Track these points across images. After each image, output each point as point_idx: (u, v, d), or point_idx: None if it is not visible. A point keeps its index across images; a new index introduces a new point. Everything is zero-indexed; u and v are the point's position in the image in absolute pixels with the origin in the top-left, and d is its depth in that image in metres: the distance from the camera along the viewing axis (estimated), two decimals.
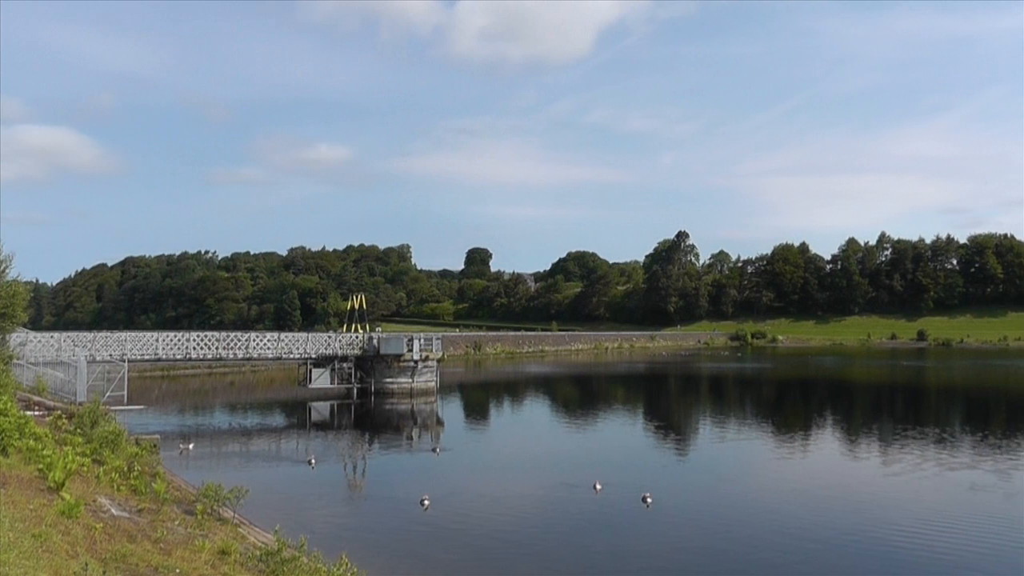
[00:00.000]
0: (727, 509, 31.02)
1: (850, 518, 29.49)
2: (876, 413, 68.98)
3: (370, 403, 67.10)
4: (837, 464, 41.92)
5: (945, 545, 25.75)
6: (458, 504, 30.90)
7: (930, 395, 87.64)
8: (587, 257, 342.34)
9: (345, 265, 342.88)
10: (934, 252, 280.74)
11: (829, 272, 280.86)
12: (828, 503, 32.29)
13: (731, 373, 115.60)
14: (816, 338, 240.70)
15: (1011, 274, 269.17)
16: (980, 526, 28.17)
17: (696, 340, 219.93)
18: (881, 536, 26.90)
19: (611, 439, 51.18)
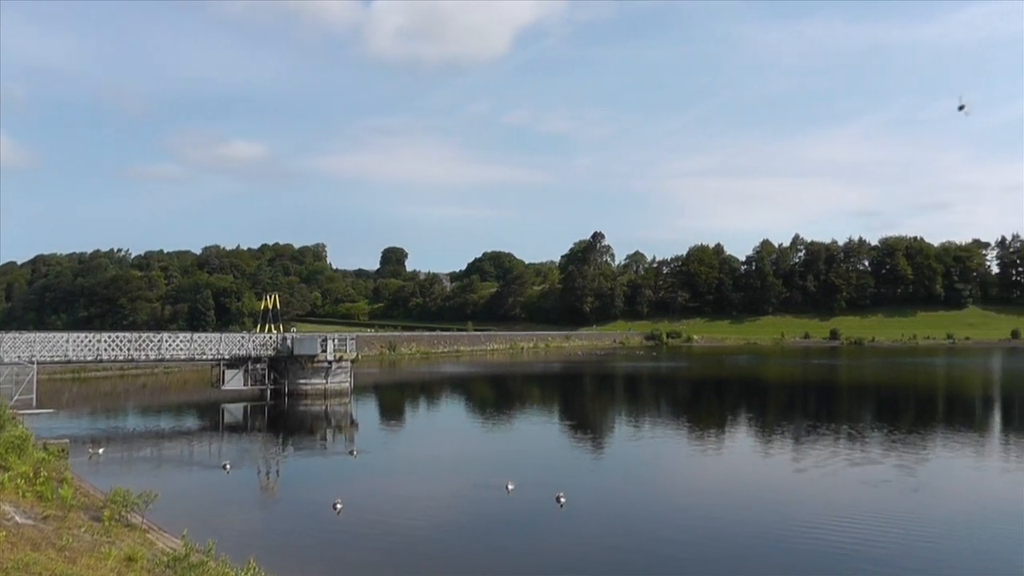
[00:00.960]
0: (641, 508, 31.23)
1: (763, 515, 29.85)
2: (789, 411, 70.06)
3: (284, 405, 66.17)
4: (751, 462, 42.45)
5: (855, 540, 26.15)
6: (371, 507, 30.60)
7: (842, 393, 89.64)
8: (503, 257, 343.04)
9: (260, 264, 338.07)
10: (846, 254, 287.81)
11: (744, 273, 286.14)
12: (742, 501, 32.50)
13: (646, 372, 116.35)
14: (731, 337, 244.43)
15: (920, 275, 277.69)
16: (888, 520, 28.61)
17: (612, 340, 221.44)
18: (793, 532, 27.26)
19: (525, 439, 50.99)
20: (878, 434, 51.37)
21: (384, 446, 47.60)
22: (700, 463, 42.21)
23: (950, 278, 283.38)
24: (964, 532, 27.85)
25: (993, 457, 44.18)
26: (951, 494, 34.41)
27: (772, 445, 47.81)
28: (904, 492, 34.15)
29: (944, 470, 40.36)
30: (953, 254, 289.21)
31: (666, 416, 64.69)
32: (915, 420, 63.36)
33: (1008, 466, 41.89)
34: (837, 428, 54.19)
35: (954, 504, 32.34)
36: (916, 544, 26.12)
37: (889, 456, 42.62)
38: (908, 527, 28.09)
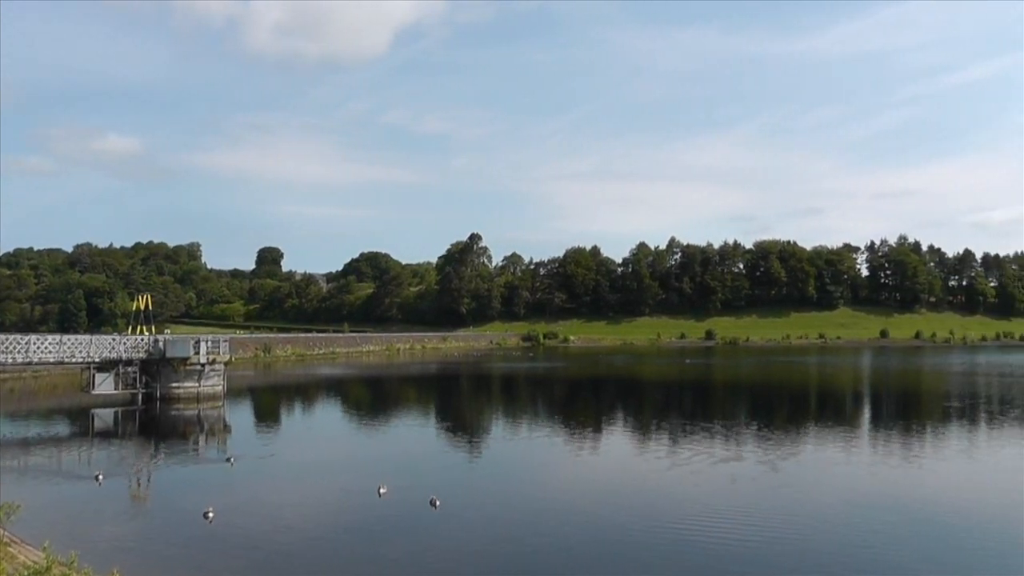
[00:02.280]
0: (517, 509, 31.26)
1: (638, 514, 30.14)
2: (665, 410, 71.12)
3: (155, 409, 63.94)
4: (626, 461, 42.87)
5: (726, 537, 26.68)
6: (243, 515, 29.94)
7: (716, 391, 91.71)
8: (380, 258, 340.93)
9: (133, 264, 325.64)
10: (722, 256, 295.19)
11: (620, 275, 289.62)
12: (617, 500, 32.85)
13: (522, 373, 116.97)
14: (607, 338, 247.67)
15: (793, 278, 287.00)
16: (759, 516, 29.41)
17: (488, 341, 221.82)
18: (665, 530, 27.68)
19: (401, 442, 50.43)
20: (751, 431, 52.72)
21: (258, 451, 45.90)
22: (576, 463, 42.37)
23: (822, 280, 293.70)
24: (829, 526, 28.74)
25: (862, 451, 45.78)
26: (820, 488, 35.36)
27: (647, 444, 48.36)
28: (775, 487, 35.07)
29: (815, 465, 41.54)
30: (825, 257, 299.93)
31: (542, 416, 65.00)
32: (788, 417, 65.26)
33: (875, 459, 43.32)
34: (711, 426, 55.31)
35: (823, 498, 33.27)
36: (784, 539, 26.79)
37: (762, 453, 43.66)
38: (778, 522, 28.79)
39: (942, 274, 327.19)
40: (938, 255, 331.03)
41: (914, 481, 38.06)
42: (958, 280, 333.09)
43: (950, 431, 55.45)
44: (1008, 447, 48.41)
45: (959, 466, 42.19)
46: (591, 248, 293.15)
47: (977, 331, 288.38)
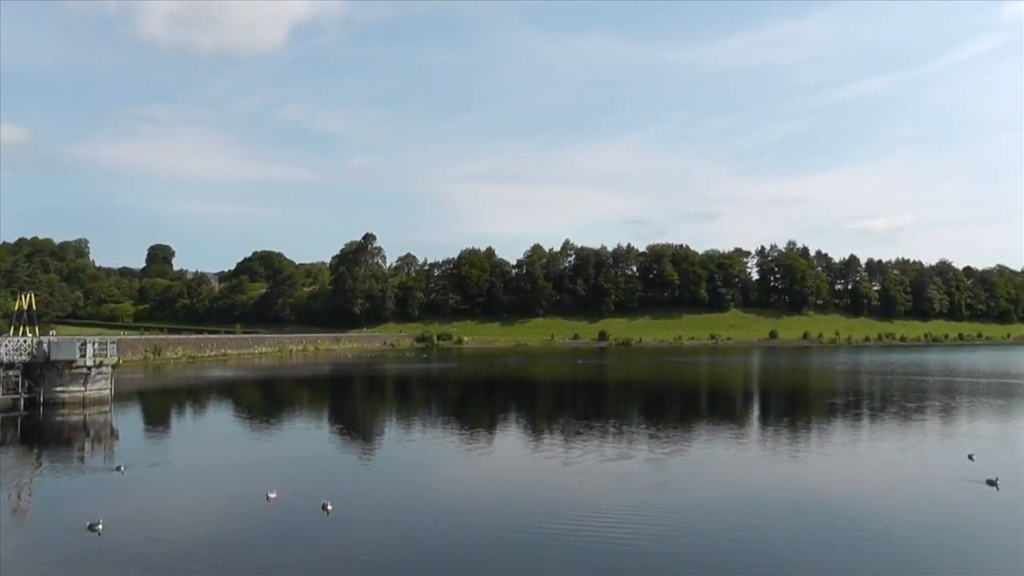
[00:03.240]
0: (411, 511, 30.86)
1: (533, 513, 30.08)
2: (558, 409, 71.59)
3: (39, 415, 60.88)
4: (519, 461, 42.92)
5: (619, 533, 26.86)
6: (133, 526, 28.52)
7: (609, 391, 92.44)
8: (273, 257, 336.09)
9: (16, 260, 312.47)
10: (615, 259, 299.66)
11: (515, 276, 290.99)
12: (510, 500, 32.89)
13: (416, 374, 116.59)
14: (501, 339, 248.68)
15: (685, 280, 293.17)
16: (651, 513, 29.63)
17: (382, 342, 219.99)
18: (558, 529, 27.59)
19: (293, 445, 49.47)
20: (643, 430, 53.38)
21: (148, 458, 44.05)
22: (469, 464, 42.34)
23: (714, 283, 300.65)
24: (718, 521, 28.96)
25: (751, 448, 46.83)
26: (710, 485, 35.93)
27: (541, 444, 48.53)
28: (666, 485, 35.38)
29: (705, 462, 41.90)
30: (717, 261, 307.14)
31: (436, 417, 64.66)
32: (679, 416, 66.36)
33: (764, 455, 44.29)
34: (604, 425, 55.72)
35: (713, 494, 33.72)
36: (674, 536, 27.10)
37: (653, 451, 44.29)
38: (668, 519, 29.10)
39: (829, 278, 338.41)
40: (825, 260, 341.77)
41: (800, 475, 39.02)
42: (844, 284, 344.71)
43: (835, 427, 57.18)
44: (887, 441, 50.06)
45: (843, 460, 43.35)
46: (486, 250, 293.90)
47: (861, 332, 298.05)
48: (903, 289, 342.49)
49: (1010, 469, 38.54)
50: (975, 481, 36.10)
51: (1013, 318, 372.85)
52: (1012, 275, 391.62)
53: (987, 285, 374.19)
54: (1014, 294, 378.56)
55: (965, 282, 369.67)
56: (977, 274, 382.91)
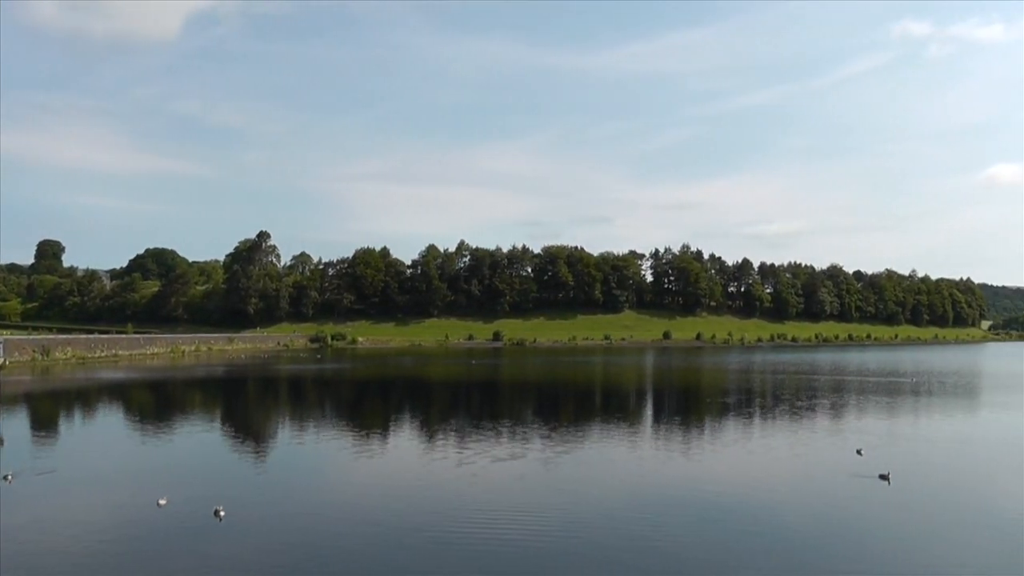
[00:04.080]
0: (307, 514, 30.49)
1: (428, 514, 29.98)
2: (453, 409, 71.76)
3: None
4: (414, 461, 42.65)
5: (515, 534, 27.05)
6: (22, 536, 27.37)
7: (504, 391, 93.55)
8: (166, 254, 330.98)
9: None
10: (510, 260, 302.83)
11: (410, 276, 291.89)
12: (406, 501, 32.59)
13: (310, 374, 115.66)
14: (396, 339, 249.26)
15: (580, 282, 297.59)
16: (545, 513, 29.89)
17: (276, 342, 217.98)
18: (455, 530, 27.69)
19: (185, 450, 47.91)
20: (538, 429, 53.98)
21: (35, 466, 41.73)
22: (364, 465, 41.91)
23: (608, 285, 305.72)
24: (612, 520, 29.17)
25: (644, 446, 47.83)
26: (604, 483, 36.30)
27: (435, 444, 48.52)
28: (560, 484, 35.72)
29: (599, 461, 42.42)
30: (611, 263, 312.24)
31: (330, 418, 64.25)
32: (573, 415, 67.41)
33: (656, 453, 45.22)
34: (498, 425, 56.17)
35: (606, 493, 33.95)
36: (568, 535, 27.18)
37: (548, 450, 44.75)
38: (562, 519, 29.36)
39: (722, 281, 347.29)
40: (718, 263, 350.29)
41: (693, 473, 39.73)
42: (737, 286, 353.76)
43: (727, 425, 58.47)
44: (778, 438, 51.59)
45: (735, 457, 44.38)
46: (381, 249, 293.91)
47: (753, 333, 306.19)
48: (795, 292, 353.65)
49: (899, 464, 40.09)
50: (867, 476, 37.44)
51: (901, 320, 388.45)
52: (900, 279, 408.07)
53: (876, 289, 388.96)
54: (902, 297, 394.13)
55: (855, 285, 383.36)
56: (867, 278, 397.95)
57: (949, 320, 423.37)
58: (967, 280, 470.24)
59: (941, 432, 56.73)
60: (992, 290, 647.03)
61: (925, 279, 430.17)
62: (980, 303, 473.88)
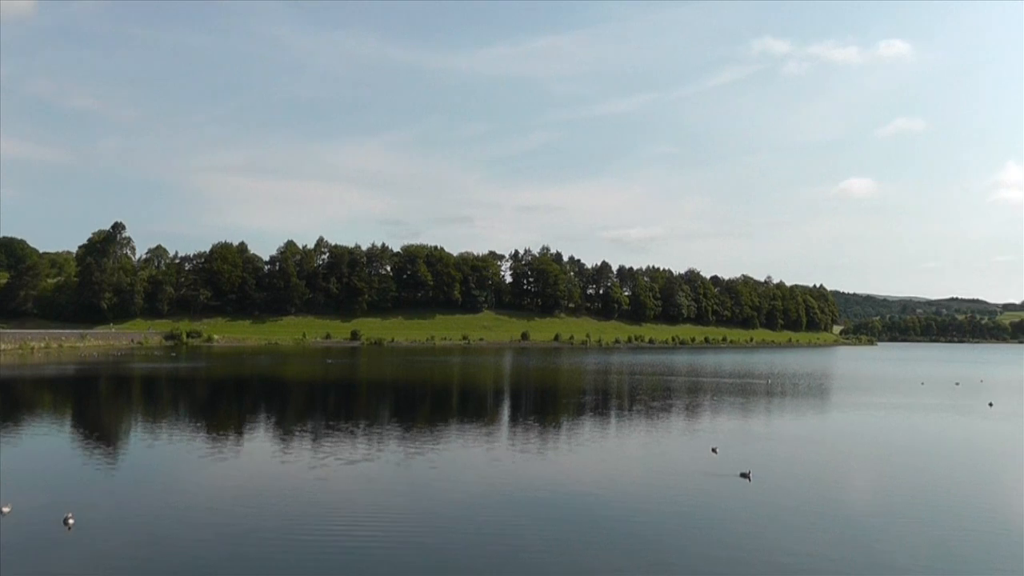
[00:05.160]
0: (158, 519, 29.98)
1: (280, 517, 30.08)
2: (309, 410, 71.92)
3: None
4: (268, 462, 42.57)
5: (367, 538, 27.48)
6: None
7: (361, 390, 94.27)
8: (15, 244, 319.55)
9: None
10: (369, 258, 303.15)
11: (267, 273, 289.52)
12: (259, 504, 32.52)
13: (165, 373, 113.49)
14: (252, 337, 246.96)
15: (439, 281, 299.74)
16: (399, 516, 30.44)
17: (130, 339, 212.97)
18: (306, 533, 27.89)
19: (32, 454, 46.28)
20: (394, 430, 54.84)
21: None
22: (217, 468, 41.20)
23: (468, 285, 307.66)
24: (466, 522, 30.00)
25: (501, 446, 49.16)
26: (460, 484, 37.00)
27: (290, 445, 48.30)
28: (416, 485, 36.17)
29: (456, 461, 43.24)
30: (471, 264, 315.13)
31: (184, 420, 62.71)
32: (430, 415, 68.61)
33: (513, 453, 46.43)
34: (354, 426, 56.81)
35: (462, 493, 34.55)
36: (421, 538, 27.59)
37: (404, 451, 45.47)
38: (416, 521, 29.96)
39: (581, 283, 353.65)
40: (578, 266, 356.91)
41: (550, 473, 40.83)
42: (595, 289, 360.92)
43: (584, 425, 60.40)
44: (637, 437, 53.99)
45: (593, 457, 45.92)
46: (238, 244, 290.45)
47: (611, 335, 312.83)
48: (653, 295, 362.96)
49: (754, 462, 42.36)
50: (728, 475, 39.53)
51: (756, 324, 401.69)
52: (756, 285, 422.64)
53: (733, 293, 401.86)
54: (757, 302, 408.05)
55: (712, 290, 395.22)
56: (724, 283, 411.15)
57: (803, 325, 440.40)
58: (820, 287, 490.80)
59: (794, 431, 60.18)
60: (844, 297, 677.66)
61: (780, 285, 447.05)
62: (832, 309, 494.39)
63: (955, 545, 28.49)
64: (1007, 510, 35.19)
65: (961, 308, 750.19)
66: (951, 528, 30.93)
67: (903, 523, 31.54)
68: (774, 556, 26.73)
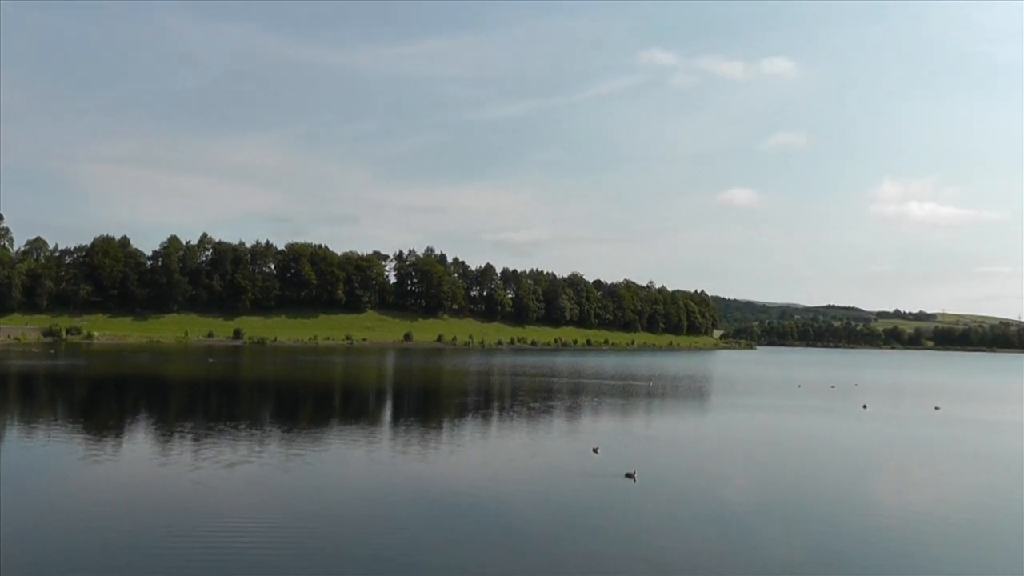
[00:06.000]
0: (28, 523, 29.17)
1: (159, 522, 29.18)
2: (190, 410, 70.49)
3: None
4: (146, 464, 41.33)
5: (244, 543, 26.87)
6: None
7: (243, 390, 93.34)
8: None
9: None
10: (254, 256, 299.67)
11: (150, 268, 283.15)
12: (134, 507, 31.55)
13: (43, 371, 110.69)
14: (134, 335, 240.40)
15: (323, 280, 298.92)
16: (283, 518, 29.94)
17: (7, 335, 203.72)
18: (184, 537, 27.22)
19: None
20: (275, 431, 54.16)
21: None
22: (92, 470, 39.93)
23: (351, 285, 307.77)
24: (347, 525, 29.69)
25: (383, 447, 49.13)
26: (341, 487, 36.84)
27: (170, 447, 47.00)
28: (295, 488, 35.66)
29: (338, 463, 43.13)
30: (355, 263, 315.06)
31: (61, 420, 60.41)
32: (312, 416, 68.29)
33: (395, 454, 46.47)
34: (237, 426, 55.79)
35: (341, 496, 34.18)
36: (301, 543, 27.01)
37: (285, 453, 44.88)
38: (298, 525, 29.36)
39: (465, 284, 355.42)
40: (462, 267, 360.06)
41: (431, 474, 40.89)
42: (479, 290, 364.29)
43: (466, 425, 60.88)
44: (515, 438, 54.60)
45: (475, 458, 46.38)
46: (121, 238, 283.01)
47: (495, 336, 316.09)
48: (536, 298, 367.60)
49: (636, 462, 42.67)
50: (612, 475, 40.05)
51: (637, 327, 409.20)
52: (638, 289, 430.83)
53: (615, 297, 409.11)
54: (639, 306, 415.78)
55: (595, 294, 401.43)
56: (607, 287, 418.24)
57: (684, 328, 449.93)
58: (701, 292, 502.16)
59: (675, 432, 62.08)
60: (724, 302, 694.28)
61: (662, 290, 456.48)
62: (713, 314, 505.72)
63: (827, 541, 29.74)
64: (878, 508, 36.60)
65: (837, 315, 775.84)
66: (824, 525, 32.38)
67: (779, 521, 32.96)
68: (660, 554, 27.25)
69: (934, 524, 33.26)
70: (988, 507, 37.25)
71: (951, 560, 27.98)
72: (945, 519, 34.09)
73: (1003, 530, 32.65)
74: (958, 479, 45.25)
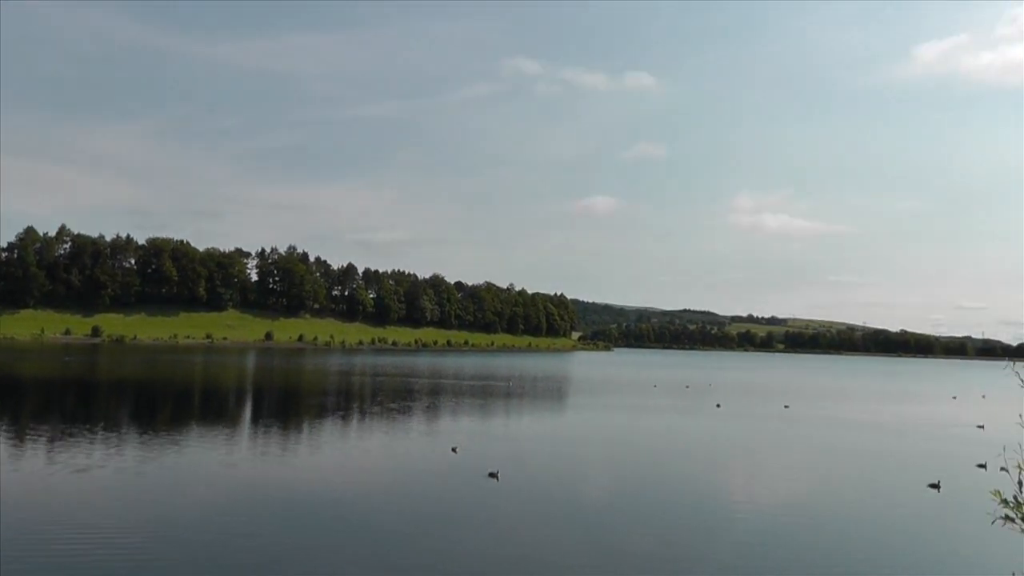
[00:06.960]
0: None
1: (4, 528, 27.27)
2: (45, 412, 67.74)
3: None
4: None
5: (101, 552, 25.53)
6: None
7: (101, 391, 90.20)
8: None
9: None
10: (113, 250, 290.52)
11: (4, 260, 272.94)
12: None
13: None
14: None
15: (185, 277, 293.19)
16: (129, 525, 28.70)
17: None
18: (40, 544, 26.04)
19: None
20: (131, 434, 52.51)
21: None
22: None
23: (213, 282, 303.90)
24: (206, 530, 28.83)
25: (243, 448, 48.33)
26: (199, 490, 35.94)
27: (22, 450, 45.21)
28: (151, 492, 34.56)
29: (197, 465, 42.03)
30: (217, 260, 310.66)
31: None
32: (171, 416, 66.59)
33: (254, 456, 45.99)
34: (93, 428, 53.97)
35: (200, 499, 33.77)
36: (158, 549, 26.03)
37: (141, 455, 43.87)
38: (154, 530, 28.43)
39: (327, 284, 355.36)
40: (324, 266, 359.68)
41: (289, 475, 40.74)
42: (341, 290, 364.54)
43: (326, 426, 60.60)
44: (374, 438, 54.82)
45: (331, 458, 46.47)
46: None
47: (355, 336, 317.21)
48: (397, 298, 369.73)
49: (496, 462, 43.27)
50: (472, 475, 40.66)
51: (498, 328, 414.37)
52: (499, 291, 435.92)
53: (476, 299, 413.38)
54: (499, 308, 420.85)
55: (456, 295, 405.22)
56: (468, 288, 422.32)
57: (543, 330, 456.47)
58: (561, 295, 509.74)
59: (534, 431, 63.29)
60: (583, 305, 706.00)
61: (522, 292, 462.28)
62: (572, 316, 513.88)
63: (680, 535, 30.86)
64: (729, 500, 38.46)
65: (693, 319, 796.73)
66: (678, 518, 33.55)
67: (637, 516, 33.81)
68: (523, 551, 27.67)
69: (780, 512, 35.25)
70: (829, 494, 40.16)
71: (794, 545, 29.73)
72: (789, 507, 36.44)
73: (841, 515, 34.95)
74: (803, 471, 48.07)
